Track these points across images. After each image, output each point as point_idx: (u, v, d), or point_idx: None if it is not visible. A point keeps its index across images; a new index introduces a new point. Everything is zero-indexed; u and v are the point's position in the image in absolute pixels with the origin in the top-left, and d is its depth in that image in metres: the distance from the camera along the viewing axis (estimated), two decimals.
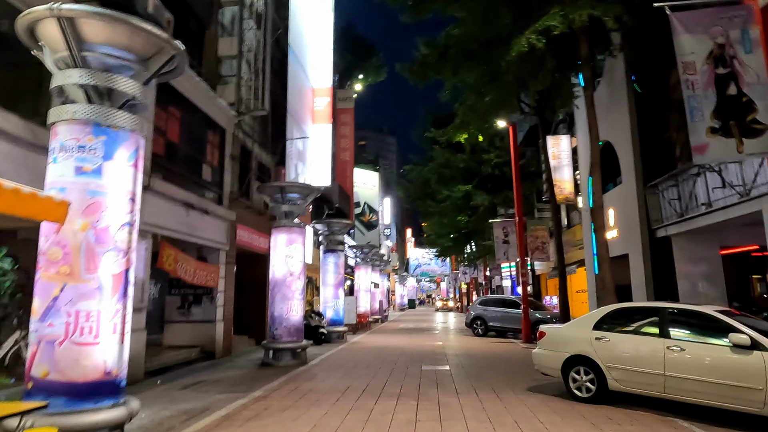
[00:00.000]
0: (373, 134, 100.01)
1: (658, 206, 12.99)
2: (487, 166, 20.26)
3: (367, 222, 53.43)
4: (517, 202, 17.23)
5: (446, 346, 15.39)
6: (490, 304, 19.33)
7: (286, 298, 11.54)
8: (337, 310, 17.25)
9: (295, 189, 11.90)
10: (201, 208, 11.71)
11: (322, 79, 23.33)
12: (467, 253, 26.06)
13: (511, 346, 15.52)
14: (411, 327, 25.40)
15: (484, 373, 9.84)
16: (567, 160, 18.63)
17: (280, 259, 11.72)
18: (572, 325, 7.40)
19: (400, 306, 63.44)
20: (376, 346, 15.30)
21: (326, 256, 17.51)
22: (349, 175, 31.56)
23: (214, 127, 13.20)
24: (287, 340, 11.43)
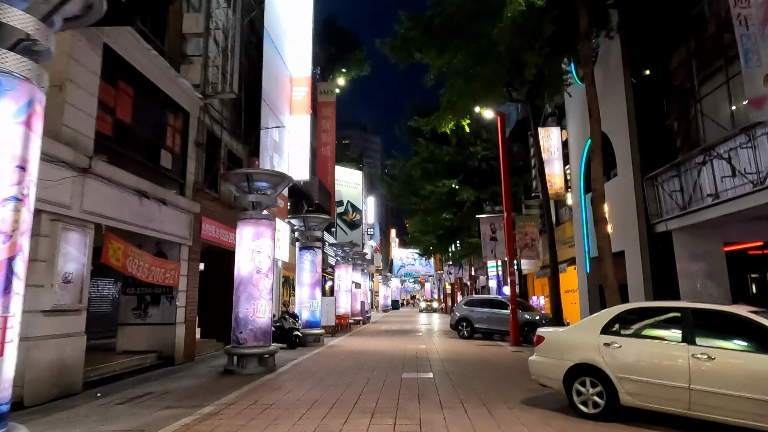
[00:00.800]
0: (358, 133, 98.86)
1: (657, 199, 12.10)
2: (473, 160, 19.28)
3: (350, 221, 52.31)
4: (506, 196, 16.25)
5: (430, 349, 14.34)
6: (476, 305, 18.34)
7: (253, 298, 10.37)
8: (314, 312, 16.10)
9: (263, 177, 10.74)
10: (157, 197, 10.48)
11: (301, 67, 22.16)
12: (452, 252, 25.00)
13: (499, 349, 14.52)
14: (394, 329, 24.32)
15: (471, 381, 8.79)
16: (557, 153, 17.76)
17: (246, 254, 10.55)
18: (576, 328, 6.37)
19: (383, 307, 62.34)
20: (355, 350, 14.19)
21: (302, 254, 16.35)
22: (331, 170, 30.39)
23: (175, 110, 11.97)
24: (253, 345, 10.25)
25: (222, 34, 13.38)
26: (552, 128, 17.80)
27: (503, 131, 16.83)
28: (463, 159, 19.61)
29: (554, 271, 12.62)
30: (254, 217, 10.65)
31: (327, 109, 30.64)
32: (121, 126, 9.85)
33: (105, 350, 11.61)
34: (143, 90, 10.56)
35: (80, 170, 8.10)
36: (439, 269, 59.50)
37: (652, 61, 12.65)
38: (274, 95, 19.41)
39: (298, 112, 21.71)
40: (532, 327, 16.34)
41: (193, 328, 12.47)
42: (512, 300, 15.96)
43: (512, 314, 15.76)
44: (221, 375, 9.96)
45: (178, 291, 11.69)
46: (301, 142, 21.49)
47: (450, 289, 48.99)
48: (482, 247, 16.63)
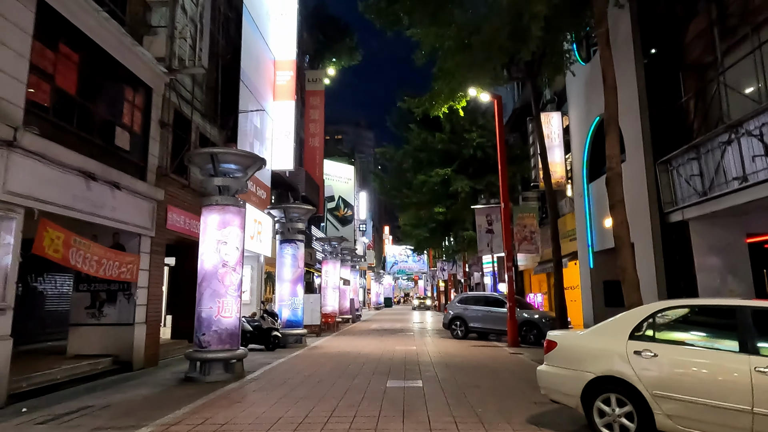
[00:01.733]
0: (350, 128, 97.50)
1: (672, 186, 10.92)
2: (468, 148, 18.04)
3: (342, 217, 51.05)
4: (503, 184, 15.06)
5: (421, 351, 13.13)
6: (471, 303, 17.16)
7: (218, 295, 9.10)
8: (295, 310, 14.84)
9: (231, 157, 9.46)
10: (109, 180, 9.18)
11: (285, 50, 20.85)
12: (445, 247, 23.72)
13: (496, 350, 13.34)
14: (384, 328, 23.11)
15: (466, 391, 7.57)
16: (558, 140, 16.59)
17: (211, 245, 9.27)
18: (597, 331, 5.14)
19: (375, 305, 61.13)
20: (339, 352, 12.95)
21: (283, 247, 15.08)
22: (319, 162, 29.09)
23: (134, 84, 10.65)
24: (218, 349, 8.99)
25: (191, 2, 12.06)
26: (552, 113, 16.61)
27: (500, 115, 15.63)
28: (458, 147, 18.36)
29: (557, 265, 11.44)
30: (220, 204, 9.37)
31: (315, 99, 29.32)
32: (62, 96, 8.54)
33: (55, 354, 10.33)
34: (93, 58, 9.24)
35: (2, 143, 6.80)
36: (433, 266, 58.40)
37: (666, 35, 11.46)
38: (255, 78, 18.10)
39: (282, 97, 20.41)
40: (530, 326, 15.18)
41: (156, 328, 11.19)
42: (510, 297, 14.78)
43: (510, 313, 14.59)
44: (180, 383, 8.69)
45: (137, 287, 10.41)
46: (285, 129, 20.19)
47: (443, 286, 47.86)
48: (477, 241, 15.43)
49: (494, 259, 21.46)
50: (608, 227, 13.84)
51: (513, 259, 15.01)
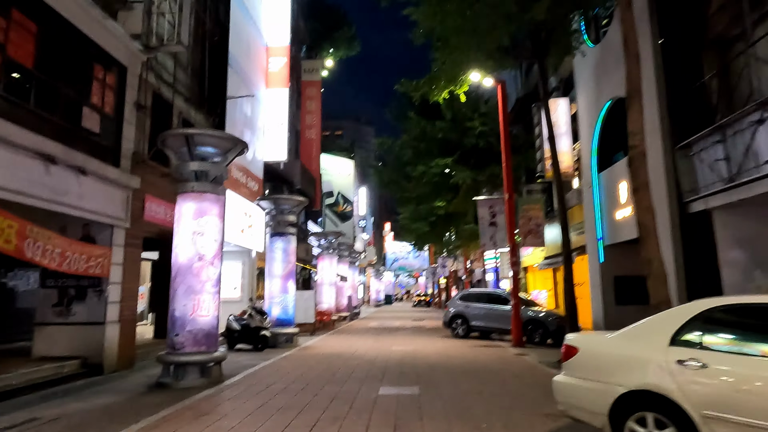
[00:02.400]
0: (350, 124, 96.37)
1: (693, 172, 10.01)
2: (470, 137, 17.11)
3: (341, 213, 50.23)
4: (507, 174, 14.16)
5: (419, 352, 12.26)
6: (473, 300, 16.27)
7: (193, 292, 8.23)
8: (286, 308, 13.97)
9: (208, 139, 8.57)
10: (72, 164, 8.29)
11: (278, 36, 19.92)
12: (446, 241, 22.78)
13: (500, 351, 12.46)
14: (382, 326, 22.25)
15: (469, 401, 6.69)
16: (565, 127, 15.66)
17: (186, 236, 8.40)
18: (629, 335, 4.22)
19: (375, 302, 60.29)
20: (331, 353, 12.08)
21: (273, 241, 14.20)
22: (316, 155, 28.23)
23: (106, 62, 9.75)
24: (193, 351, 8.12)
25: None
26: (559, 99, 15.68)
27: (504, 101, 14.72)
28: (459, 136, 17.44)
29: (567, 259, 10.55)
30: (196, 191, 8.49)
31: (312, 89, 28.45)
32: (15, 69, 7.65)
33: (20, 356, 9.47)
34: (55, 30, 8.35)
35: None
36: (434, 262, 57.58)
37: (686, 9, 10.53)
38: (246, 64, 17.21)
39: (275, 85, 19.51)
40: (536, 325, 14.32)
41: (131, 328, 10.31)
42: (514, 294, 13.91)
43: (514, 310, 13.71)
44: (150, 390, 7.83)
45: (109, 283, 9.53)
46: (278, 118, 19.30)
47: (444, 283, 47.00)
48: (480, 234, 14.55)
49: (497, 254, 20.55)
50: (620, 219, 12.94)
51: (517, 254, 14.12)
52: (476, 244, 24.79)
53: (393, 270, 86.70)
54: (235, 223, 15.20)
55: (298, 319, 17.77)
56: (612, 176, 13.32)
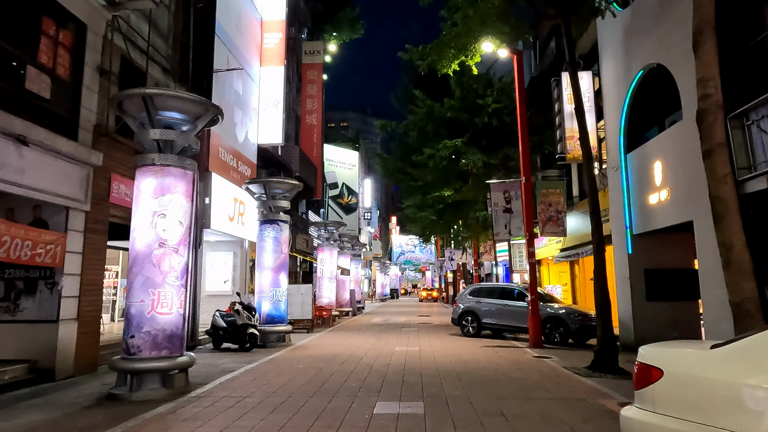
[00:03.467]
0: (356, 115, 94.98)
1: (749, 146, 8.47)
2: (482, 116, 15.54)
3: (346, 205, 48.86)
4: (524, 155, 12.66)
5: (425, 353, 10.84)
6: (484, 295, 14.81)
7: (152, 284, 6.84)
8: (277, 303, 12.57)
9: (172, 102, 7.15)
10: (10, 132, 6.91)
11: (273, 9, 18.44)
12: (455, 231, 21.17)
13: (517, 353, 11.01)
14: (386, 322, 20.84)
15: (487, 422, 5.26)
16: (589, 104, 14.11)
17: (144, 218, 7.00)
18: (751, 351, 2.74)
19: (381, 296, 58.95)
20: (326, 355, 10.70)
21: (263, 229, 12.80)
22: (317, 141, 26.78)
23: (59, 17, 8.33)
24: (151, 356, 6.73)
25: None
26: (582, 73, 14.09)
27: (521, 73, 13.18)
28: (470, 115, 15.86)
29: (599, 248, 9.02)
30: (158, 164, 7.08)
31: (313, 72, 26.96)
32: None
33: None
34: None
35: None
36: (441, 256, 56.16)
37: None
38: (237, 38, 15.77)
39: (271, 62, 18.06)
40: (556, 323, 12.85)
41: (94, 326, 8.96)
42: (532, 289, 12.44)
43: (532, 307, 12.24)
44: (98, 403, 6.46)
45: (64, 274, 8.17)
46: (273, 98, 17.87)
47: (452, 276, 45.52)
48: (493, 222, 13.05)
49: (509, 246, 19.03)
50: (653, 204, 11.40)
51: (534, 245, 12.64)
52: (486, 235, 23.28)
53: (399, 264, 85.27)
54: (222, 210, 13.83)
55: (294, 314, 16.43)
56: (644, 156, 11.79)
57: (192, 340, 12.46)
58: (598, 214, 9.19)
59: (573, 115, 13.98)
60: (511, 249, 19.92)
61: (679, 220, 10.22)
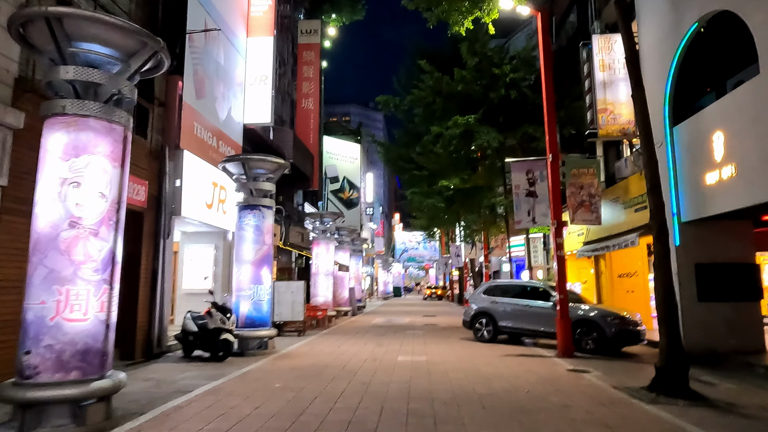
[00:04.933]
0: (358, 109, 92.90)
1: None
2: (498, 88, 13.49)
3: (347, 199, 47.03)
4: (550, 129, 10.68)
5: (434, 365, 8.89)
6: (501, 294, 12.83)
7: (59, 279, 4.90)
8: (259, 303, 10.63)
9: (92, 31, 5.18)
10: None
11: None
12: (467, 221, 19.08)
13: (546, 364, 9.06)
14: (388, 323, 18.91)
15: None
16: (623, 72, 12.12)
17: (49, 187, 5.07)
18: None
19: (383, 294, 57.02)
20: (313, 367, 8.76)
21: (242, 216, 10.86)
22: (314, 127, 24.83)
23: None
24: (55, 381, 4.80)
25: None
26: (614, 36, 12.13)
27: (546, 34, 11.19)
28: (483, 88, 13.84)
29: (661, 233, 6.95)
30: (69, 113, 5.14)
31: (310, 53, 25.00)
32: None
33: None
34: None
35: None
36: (446, 252, 54.27)
37: None
38: (219, 4, 13.82)
39: (258, 32, 16.11)
40: (588, 327, 10.88)
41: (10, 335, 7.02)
42: (561, 287, 10.46)
43: (561, 308, 10.27)
44: None
45: None
46: (260, 72, 15.92)
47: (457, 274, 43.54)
48: (514, 208, 11.05)
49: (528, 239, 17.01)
50: (712, 184, 9.39)
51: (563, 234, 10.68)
52: (498, 228, 21.30)
53: (402, 261, 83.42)
54: (198, 195, 11.90)
55: (284, 316, 14.52)
56: (698, 127, 9.79)
57: (159, 346, 10.56)
58: (658, 191, 7.18)
59: (605, 84, 12.04)
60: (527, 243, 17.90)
61: (751, 201, 8.23)
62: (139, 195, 10.17)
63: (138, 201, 10.06)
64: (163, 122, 11.28)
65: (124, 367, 9.09)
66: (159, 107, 11.14)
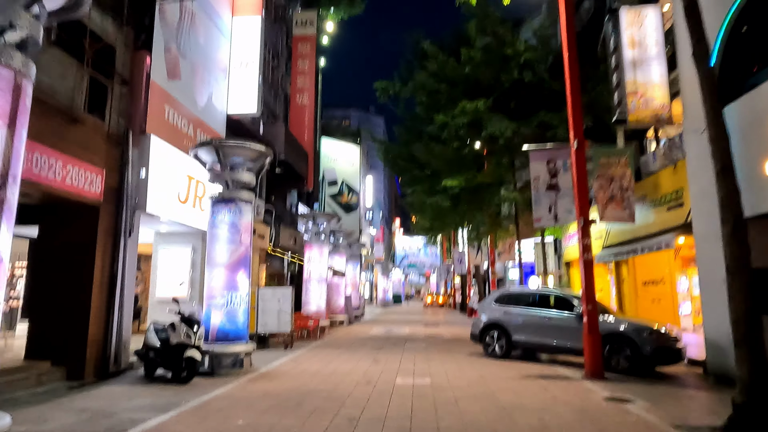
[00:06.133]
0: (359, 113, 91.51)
1: None
2: (510, 71, 11.96)
3: (346, 203, 45.62)
4: (574, 112, 9.17)
5: (441, 392, 7.32)
6: (515, 302, 11.26)
7: None
8: (233, 313, 9.04)
9: None
10: None
11: None
12: (474, 223, 17.45)
13: (575, 389, 7.48)
14: (387, 334, 17.32)
15: None
16: (656, 49, 10.62)
17: None
18: None
19: (383, 302, 55.33)
20: (292, 393, 7.19)
21: (216, 211, 9.31)
22: (309, 124, 23.34)
23: None
24: None
25: None
26: (645, 7, 10.63)
27: (569, 3, 9.71)
28: (494, 73, 12.32)
29: (737, 228, 5.40)
30: None
31: (305, 45, 23.57)
32: None
33: None
34: None
35: None
36: (447, 258, 52.68)
37: None
38: None
39: (245, 11, 14.66)
40: (619, 343, 9.29)
41: None
42: (589, 295, 8.88)
43: (589, 320, 8.70)
44: None
45: None
46: (247, 56, 14.44)
47: (459, 281, 41.90)
48: (533, 203, 9.48)
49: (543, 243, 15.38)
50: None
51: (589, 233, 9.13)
52: (506, 231, 19.71)
53: (402, 268, 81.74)
54: (170, 189, 10.36)
55: (269, 326, 12.94)
56: (755, 106, 8.26)
57: (117, 364, 8.99)
58: (731, 173, 5.67)
59: (635, 63, 10.53)
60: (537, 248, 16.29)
61: None
62: (94, 186, 8.64)
63: (91, 193, 8.54)
64: (128, 104, 9.77)
65: (68, 390, 7.54)
66: (121, 85, 9.63)
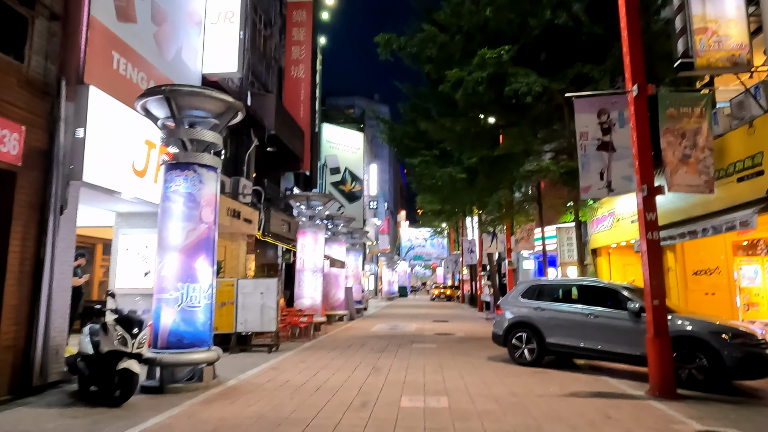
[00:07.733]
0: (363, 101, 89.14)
1: None
2: (540, 15, 9.66)
3: (349, 192, 43.60)
4: (632, 48, 6.99)
5: (463, 418, 5.25)
6: (547, 297, 9.14)
7: None
8: (190, 312, 6.98)
9: None
10: None
11: None
12: (494, 202, 15.24)
13: (643, 413, 5.37)
14: (391, 332, 15.25)
15: None
16: None
17: None
18: None
19: (387, 294, 53.32)
20: (255, 423, 5.12)
21: (170, 179, 7.22)
22: (305, 99, 21.25)
23: None
24: None
25: None
26: None
27: None
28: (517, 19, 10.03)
29: None
30: None
31: (300, 13, 21.41)
32: None
33: None
34: None
35: None
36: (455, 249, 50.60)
37: None
38: None
39: None
40: (691, 350, 7.14)
41: None
42: (655, 288, 6.73)
43: (655, 321, 6.57)
44: None
45: None
46: (226, 7, 12.29)
47: (467, 272, 39.77)
48: (579, 167, 7.30)
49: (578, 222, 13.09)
50: None
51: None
52: (526, 215, 17.53)
53: (408, 260, 79.65)
54: (120, 156, 8.26)
55: (251, 324, 10.87)
56: None
57: (43, 377, 6.96)
58: None
59: None
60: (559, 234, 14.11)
61: None
62: (8, 145, 6.59)
63: (4, 154, 6.49)
64: (59, 45, 7.67)
65: None
66: (51, 21, 7.52)
